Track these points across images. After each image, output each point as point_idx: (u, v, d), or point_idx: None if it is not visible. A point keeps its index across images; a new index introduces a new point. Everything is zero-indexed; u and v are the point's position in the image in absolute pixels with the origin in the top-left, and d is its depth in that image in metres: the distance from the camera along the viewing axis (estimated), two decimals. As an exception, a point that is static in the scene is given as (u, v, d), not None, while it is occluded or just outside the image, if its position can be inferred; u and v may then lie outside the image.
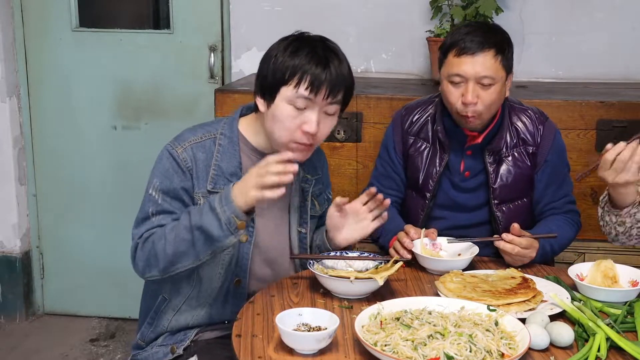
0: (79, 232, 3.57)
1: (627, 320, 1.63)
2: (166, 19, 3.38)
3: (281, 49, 1.79)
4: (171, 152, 1.84)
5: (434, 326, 1.49)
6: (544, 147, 2.17)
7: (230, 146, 1.87)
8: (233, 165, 1.85)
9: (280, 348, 1.51)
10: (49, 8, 3.38)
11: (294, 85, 1.75)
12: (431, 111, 2.25)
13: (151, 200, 1.82)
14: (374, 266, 1.85)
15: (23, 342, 3.41)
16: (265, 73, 1.81)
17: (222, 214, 1.66)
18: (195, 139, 1.86)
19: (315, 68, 1.74)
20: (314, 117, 1.77)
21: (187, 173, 1.83)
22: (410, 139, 2.26)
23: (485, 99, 2.05)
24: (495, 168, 2.17)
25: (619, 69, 3.14)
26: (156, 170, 1.86)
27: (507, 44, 2.10)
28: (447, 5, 3.03)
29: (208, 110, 3.24)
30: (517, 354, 1.41)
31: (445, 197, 2.22)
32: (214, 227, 1.67)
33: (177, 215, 1.81)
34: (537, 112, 2.22)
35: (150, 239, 1.78)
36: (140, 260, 1.80)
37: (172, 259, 1.75)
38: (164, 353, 1.90)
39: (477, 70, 2.03)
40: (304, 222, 1.99)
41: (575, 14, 3.13)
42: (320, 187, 2.05)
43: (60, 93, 3.45)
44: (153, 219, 1.81)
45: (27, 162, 3.54)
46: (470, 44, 2.04)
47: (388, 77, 3.18)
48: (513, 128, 2.18)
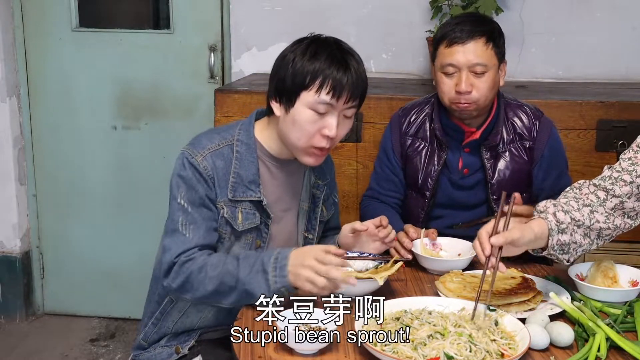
0: (79, 232, 3.57)
1: (627, 320, 1.63)
2: (166, 19, 3.38)
3: (299, 52, 1.76)
4: (191, 161, 1.80)
5: (434, 326, 1.49)
6: (540, 142, 2.19)
7: (248, 153, 1.84)
8: (252, 172, 1.84)
9: (280, 348, 1.51)
10: (49, 8, 3.38)
11: (315, 90, 1.73)
12: (428, 110, 2.26)
13: (180, 209, 1.79)
14: (374, 266, 1.85)
15: (23, 342, 3.41)
16: (282, 77, 1.77)
17: (272, 283, 1.65)
18: (213, 147, 1.83)
19: (336, 72, 1.73)
20: (334, 121, 1.75)
21: (210, 182, 1.80)
22: (408, 140, 2.26)
23: (479, 86, 2.07)
24: (492, 164, 2.18)
25: (619, 69, 3.14)
26: (180, 178, 1.81)
27: (498, 33, 2.13)
28: (447, 5, 3.03)
29: (208, 110, 3.24)
30: (517, 354, 1.41)
31: (445, 196, 2.23)
32: (261, 290, 1.65)
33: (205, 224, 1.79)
34: (532, 108, 2.23)
35: (188, 264, 1.75)
36: (175, 282, 1.77)
37: (210, 296, 1.74)
38: (168, 354, 1.89)
39: (469, 58, 2.05)
40: (312, 228, 1.99)
41: (575, 14, 3.13)
42: (327, 192, 2.04)
43: (60, 93, 3.45)
44: (184, 232, 1.78)
45: (27, 162, 3.53)
46: (461, 33, 2.07)
47: (388, 77, 3.18)
48: (509, 123, 2.19)
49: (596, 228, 1.73)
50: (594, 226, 1.72)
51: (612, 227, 1.74)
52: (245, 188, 1.82)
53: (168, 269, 1.77)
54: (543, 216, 1.71)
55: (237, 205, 1.82)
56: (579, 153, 2.62)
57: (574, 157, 2.60)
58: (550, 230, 1.68)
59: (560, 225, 1.69)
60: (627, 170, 1.74)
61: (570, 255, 1.73)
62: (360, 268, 1.85)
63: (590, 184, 1.78)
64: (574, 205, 1.73)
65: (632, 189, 1.72)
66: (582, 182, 1.80)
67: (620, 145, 2.59)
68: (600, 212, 1.73)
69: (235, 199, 1.81)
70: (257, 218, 1.85)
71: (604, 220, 1.73)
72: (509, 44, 2.94)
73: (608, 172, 1.77)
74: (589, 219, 1.72)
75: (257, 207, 1.85)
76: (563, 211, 1.71)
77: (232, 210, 1.82)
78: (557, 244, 1.69)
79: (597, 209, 1.73)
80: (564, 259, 1.73)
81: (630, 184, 1.72)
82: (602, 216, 1.73)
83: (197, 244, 1.77)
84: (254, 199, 1.83)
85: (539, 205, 1.75)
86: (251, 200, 1.83)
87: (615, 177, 1.74)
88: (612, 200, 1.73)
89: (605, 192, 1.74)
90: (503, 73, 2.16)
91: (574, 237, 1.71)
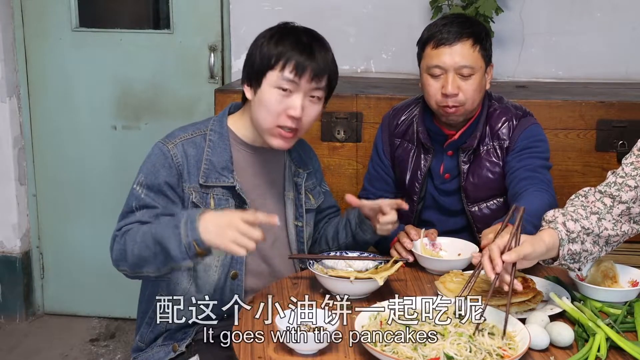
0: (79, 232, 3.57)
1: (627, 320, 1.63)
2: (166, 19, 3.38)
3: (267, 37, 1.86)
4: (161, 148, 1.87)
5: (434, 326, 1.49)
6: (514, 137, 2.11)
7: (220, 141, 1.90)
8: (224, 159, 1.89)
9: (280, 348, 1.51)
10: (49, 8, 3.38)
11: (279, 69, 1.80)
12: (416, 112, 2.23)
13: (134, 195, 1.86)
14: (374, 266, 1.85)
15: (23, 342, 3.41)
16: (251, 61, 1.86)
17: (184, 236, 1.67)
18: (185, 136, 1.90)
19: (299, 54, 1.80)
20: (298, 101, 1.81)
21: (175, 169, 1.85)
22: (396, 141, 2.25)
23: (465, 89, 2.04)
24: (468, 167, 2.14)
25: (619, 69, 3.14)
26: (144, 165, 1.89)
27: (485, 35, 2.09)
28: (447, 5, 3.03)
29: (208, 110, 3.24)
30: (517, 354, 1.41)
31: (432, 200, 2.21)
32: (173, 246, 1.68)
33: (159, 210, 1.83)
34: (517, 108, 2.17)
35: (126, 234, 1.81)
36: (114, 252, 1.83)
37: (138, 262, 1.78)
38: (165, 352, 1.89)
39: (455, 60, 2.03)
40: (300, 216, 2.02)
41: (575, 14, 3.13)
42: (313, 182, 2.08)
43: (60, 93, 3.45)
44: (136, 213, 1.84)
45: (27, 162, 3.54)
46: (448, 34, 2.04)
47: (388, 77, 3.18)
48: (490, 126, 2.13)
49: (605, 235, 1.71)
50: (602, 234, 1.71)
51: (620, 234, 1.73)
52: (218, 174, 1.87)
53: (111, 244, 1.84)
54: (553, 226, 1.67)
55: (208, 192, 1.87)
56: (579, 153, 2.62)
57: (574, 157, 2.60)
58: (560, 240, 1.65)
59: (570, 234, 1.67)
60: (631, 175, 1.74)
61: (581, 264, 1.71)
62: (360, 268, 1.85)
63: (595, 191, 1.77)
64: (582, 213, 1.71)
65: (637, 193, 1.71)
66: (587, 189, 1.79)
67: (620, 145, 2.59)
68: (607, 219, 1.71)
69: (207, 184, 1.86)
70: (231, 204, 1.89)
71: (611, 227, 1.71)
72: (509, 44, 2.95)
73: (612, 178, 1.76)
74: (598, 227, 1.70)
75: (231, 192, 1.89)
76: (572, 220, 1.68)
77: (202, 195, 1.86)
78: (568, 253, 1.67)
79: (605, 216, 1.71)
80: (575, 268, 1.71)
81: (635, 188, 1.72)
82: (610, 223, 1.72)
83: (140, 219, 1.82)
84: (226, 184, 1.88)
85: (547, 214, 1.72)
86: (224, 186, 1.88)
87: (620, 182, 1.73)
88: (619, 207, 1.72)
89: (611, 198, 1.73)
90: (489, 76, 2.13)
91: (584, 246, 1.69)
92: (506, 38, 3.12)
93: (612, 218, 1.72)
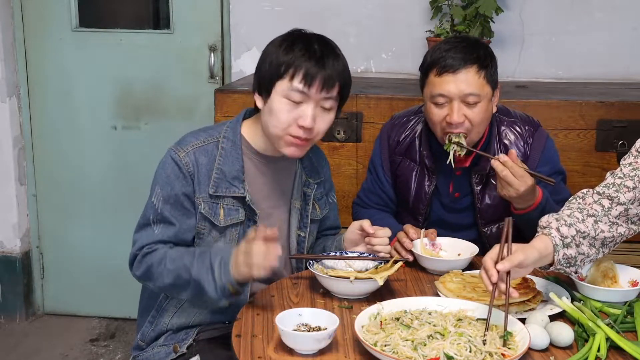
0: (79, 232, 3.57)
1: (627, 320, 1.63)
2: (166, 19, 3.38)
3: (277, 45, 1.82)
4: (173, 156, 1.84)
5: (434, 326, 1.49)
6: (532, 161, 2.08)
7: (232, 149, 1.87)
8: (235, 169, 1.86)
9: (280, 348, 1.51)
10: (49, 8, 3.38)
11: (288, 79, 1.77)
12: (418, 129, 2.17)
13: (152, 208, 1.84)
14: (373, 266, 1.85)
15: (23, 342, 3.41)
16: (261, 70, 1.83)
17: (218, 279, 1.70)
18: (197, 143, 1.87)
19: (309, 62, 1.76)
20: (309, 111, 1.78)
21: (189, 178, 1.83)
22: (398, 159, 2.19)
23: (472, 117, 1.97)
24: (481, 189, 2.11)
25: (619, 69, 3.14)
26: (159, 176, 1.86)
27: (490, 58, 2.01)
28: (447, 5, 3.03)
29: (208, 110, 3.24)
30: (517, 354, 1.41)
31: (437, 217, 2.18)
32: (210, 288, 1.72)
33: (176, 228, 1.83)
34: (526, 123, 2.13)
35: (149, 256, 1.81)
36: (138, 271, 1.84)
37: (169, 289, 1.82)
38: (166, 352, 1.89)
39: (461, 89, 1.95)
40: (304, 226, 2.00)
41: (575, 14, 3.13)
42: (321, 191, 2.05)
43: (60, 93, 3.45)
44: (154, 228, 1.83)
45: (27, 162, 3.54)
46: (452, 61, 1.95)
47: (388, 77, 3.18)
48: (501, 147, 2.09)
49: (601, 238, 1.71)
50: (599, 236, 1.71)
51: (616, 235, 1.73)
52: (228, 184, 1.85)
53: (132, 260, 1.85)
54: (546, 232, 1.67)
55: (218, 202, 1.85)
56: (579, 153, 2.62)
57: (574, 157, 2.60)
58: (555, 245, 1.65)
59: (564, 239, 1.66)
60: (629, 175, 1.73)
61: (577, 267, 1.71)
62: (360, 268, 1.85)
63: (594, 193, 1.76)
64: (578, 216, 1.71)
65: (636, 194, 1.71)
66: (585, 191, 1.79)
67: (620, 145, 2.59)
68: (604, 221, 1.71)
69: (217, 194, 1.84)
70: (241, 214, 1.87)
71: (607, 229, 1.71)
72: (509, 44, 2.95)
73: (611, 179, 1.76)
74: (594, 230, 1.70)
75: (241, 203, 1.87)
76: (566, 225, 1.68)
77: (211, 206, 1.84)
78: (564, 258, 1.67)
79: (602, 218, 1.71)
80: (572, 272, 1.71)
81: (634, 189, 1.71)
82: (606, 226, 1.71)
83: (161, 239, 1.82)
84: (237, 195, 1.85)
85: (542, 220, 1.71)
86: (234, 196, 1.86)
87: (619, 183, 1.73)
88: (617, 208, 1.72)
89: (609, 200, 1.73)
90: (496, 100, 2.05)
91: (580, 249, 1.69)
92: (506, 38, 3.12)
93: (608, 220, 1.72)
